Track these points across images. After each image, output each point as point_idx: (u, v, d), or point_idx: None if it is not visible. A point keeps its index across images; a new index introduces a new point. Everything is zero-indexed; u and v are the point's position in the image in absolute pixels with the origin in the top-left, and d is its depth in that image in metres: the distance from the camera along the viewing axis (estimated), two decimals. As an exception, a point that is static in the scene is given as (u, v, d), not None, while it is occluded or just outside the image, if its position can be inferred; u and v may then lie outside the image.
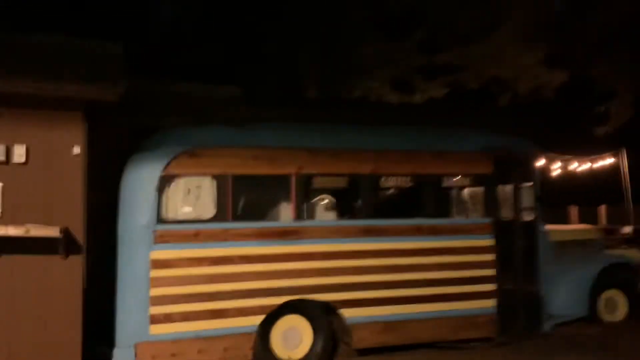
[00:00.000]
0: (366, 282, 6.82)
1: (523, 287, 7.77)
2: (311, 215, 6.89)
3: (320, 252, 6.68)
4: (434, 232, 7.20)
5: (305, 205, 6.77)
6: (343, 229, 6.84)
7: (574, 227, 9.64)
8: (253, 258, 6.44)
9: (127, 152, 6.41)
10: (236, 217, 6.49)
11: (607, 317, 8.41)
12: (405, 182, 7.24)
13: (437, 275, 7.13)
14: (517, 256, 7.77)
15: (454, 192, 7.86)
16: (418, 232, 7.13)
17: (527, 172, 7.97)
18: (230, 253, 6.37)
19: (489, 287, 7.36)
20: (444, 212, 7.44)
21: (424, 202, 7.26)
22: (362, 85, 13.29)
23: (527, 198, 7.96)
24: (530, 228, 7.91)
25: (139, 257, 6.13)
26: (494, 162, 7.51)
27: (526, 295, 7.79)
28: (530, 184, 7.97)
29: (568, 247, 8.47)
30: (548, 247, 8.00)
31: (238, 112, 6.77)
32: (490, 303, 7.34)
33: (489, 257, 7.40)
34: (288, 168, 6.68)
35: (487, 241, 7.41)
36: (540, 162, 8.14)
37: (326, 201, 7.17)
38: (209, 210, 6.41)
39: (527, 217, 7.96)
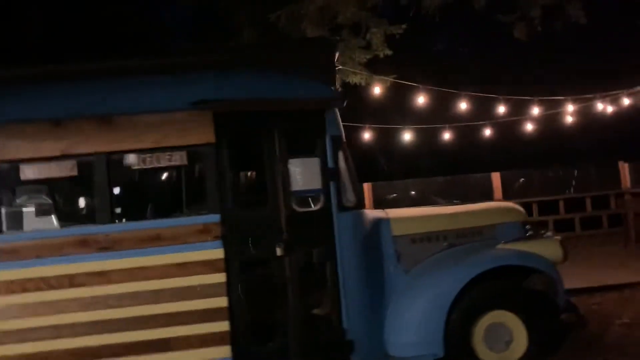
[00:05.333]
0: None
1: (303, 320, 4.72)
2: None
3: None
4: (109, 245, 4.43)
5: None
6: None
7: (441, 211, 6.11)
8: None
9: None
10: None
11: (489, 356, 5.06)
12: (59, 169, 4.55)
13: (111, 315, 4.37)
14: (287, 273, 4.72)
15: (145, 178, 4.94)
16: (82, 246, 4.41)
17: (306, 128, 4.88)
18: None
19: (217, 327, 4.45)
20: (128, 213, 4.58)
21: (92, 199, 4.51)
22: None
23: (308, 174, 4.89)
24: (318, 222, 4.83)
25: None
26: (220, 121, 4.56)
27: (313, 332, 4.74)
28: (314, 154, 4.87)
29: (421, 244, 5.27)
30: (360, 248, 4.87)
31: None
32: (219, 352, 4.43)
33: (216, 277, 4.49)
34: None
35: (209, 252, 4.50)
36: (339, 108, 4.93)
37: None
38: None
39: (311, 204, 4.89)
